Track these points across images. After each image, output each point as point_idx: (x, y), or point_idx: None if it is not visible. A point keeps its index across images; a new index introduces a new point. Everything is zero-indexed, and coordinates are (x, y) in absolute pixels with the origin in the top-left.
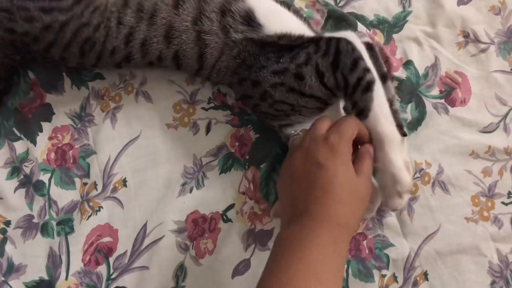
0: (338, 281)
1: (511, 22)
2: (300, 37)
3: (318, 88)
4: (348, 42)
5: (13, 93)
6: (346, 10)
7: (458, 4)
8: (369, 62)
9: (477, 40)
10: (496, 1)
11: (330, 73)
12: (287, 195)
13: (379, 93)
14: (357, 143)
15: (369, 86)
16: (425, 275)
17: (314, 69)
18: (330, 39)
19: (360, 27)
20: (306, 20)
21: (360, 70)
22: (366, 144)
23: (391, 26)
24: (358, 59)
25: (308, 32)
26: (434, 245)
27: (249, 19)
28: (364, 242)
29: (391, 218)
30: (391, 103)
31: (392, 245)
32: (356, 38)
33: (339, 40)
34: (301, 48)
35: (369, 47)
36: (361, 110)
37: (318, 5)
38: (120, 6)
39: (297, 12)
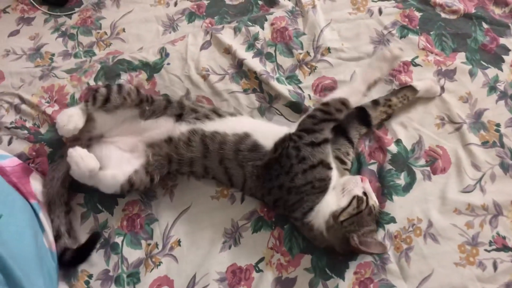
0: None
1: (477, 108)
2: (279, 144)
3: (318, 150)
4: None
5: None
6: None
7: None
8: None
9: (451, 121)
10: (463, 92)
11: (312, 135)
12: None
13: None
14: None
15: (325, 103)
16: None
17: (305, 146)
18: (294, 133)
19: None
20: None
21: (315, 110)
22: None
23: None
24: (310, 114)
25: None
26: (429, 286)
27: (254, 148)
28: (371, 286)
29: (392, 265)
30: None
31: (394, 286)
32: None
33: (299, 124)
34: (285, 149)
35: None
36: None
37: None
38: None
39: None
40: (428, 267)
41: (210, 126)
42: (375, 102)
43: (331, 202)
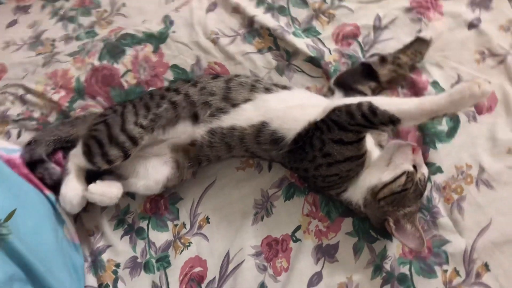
0: None
1: None
2: (303, 133)
3: (347, 148)
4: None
5: None
6: (371, 52)
7: (469, 29)
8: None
9: (493, 54)
10: (504, 21)
11: (343, 133)
12: None
13: (381, 105)
14: None
15: (372, 109)
16: (486, 266)
17: (332, 143)
18: (323, 120)
19: None
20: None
21: (357, 110)
22: None
23: None
24: (350, 110)
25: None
26: (489, 237)
27: (274, 140)
28: (423, 236)
29: (443, 219)
30: None
31: (448, 241)
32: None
33: (332, 111)
34: (309, 138)
35: None
36: (392, 122)
37: (343, 59)
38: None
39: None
40: (485, 217)
41: (227, 120)
42: (382, 59)
43: (370, 175)
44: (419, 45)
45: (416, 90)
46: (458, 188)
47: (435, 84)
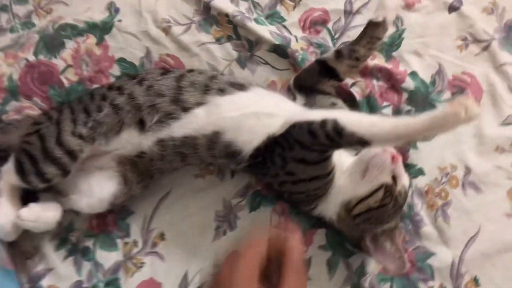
0: None
1: (507, 18)
2: (262, 148)
3: (311, 168)
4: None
5: None
6: (342, 40)
7: (450, 12)
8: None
9: (476, 40)
10: (486, 2)
11: (306, 152)
12: None
13: (348, 125)
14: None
15: (338, 130)
16: (476, 281)
17: (295, 161)
18: (283, 135)
19: None
20: None
21: (320, 130)
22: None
23: (388, 45)
24: (312, 130)
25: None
26: (479, 248)
27: (230, 154)
28: (405, 256)
29: (427, 228)
30: None
31: (433, 254)
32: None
33: (293, 127)
34: (270, 153)
35: None
36: (361, 143)
37: (312, 48)
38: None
39: None
40: (474, 224)
41: (178, 129)
42: (338, 54)
43: (344, 189)
44: (373, 30)
45: (393, 82)
46: (443, 192)
47: (413, 75)
